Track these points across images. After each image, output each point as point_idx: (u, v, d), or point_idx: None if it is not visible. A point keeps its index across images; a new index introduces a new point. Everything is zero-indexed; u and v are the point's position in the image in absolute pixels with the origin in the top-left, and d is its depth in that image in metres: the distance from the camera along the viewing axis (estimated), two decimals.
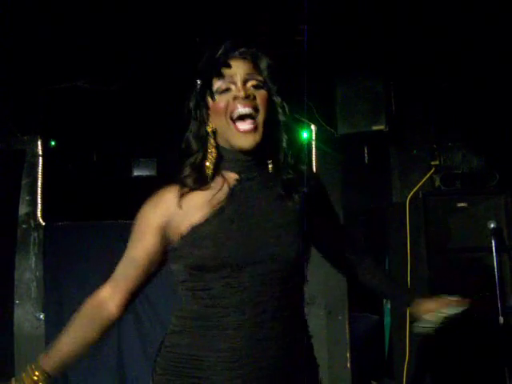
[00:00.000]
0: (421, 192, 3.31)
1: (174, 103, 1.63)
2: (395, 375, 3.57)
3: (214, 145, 1.40)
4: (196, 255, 1.30)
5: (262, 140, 1.36)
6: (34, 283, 3.85)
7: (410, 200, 3.41)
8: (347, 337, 3.74)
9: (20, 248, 3.89)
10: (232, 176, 1.39)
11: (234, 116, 1.35)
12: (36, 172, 3.93)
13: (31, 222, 3.91)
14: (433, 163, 3.49)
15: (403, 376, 3.29)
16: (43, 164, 3.94)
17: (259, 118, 1.36)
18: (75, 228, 3.90)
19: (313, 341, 1.44)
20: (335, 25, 3.25)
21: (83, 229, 3.88)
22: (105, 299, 1.42)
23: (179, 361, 1.34)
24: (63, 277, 3.80)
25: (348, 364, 3.71)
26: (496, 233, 3.01)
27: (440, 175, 3.40)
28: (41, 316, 3.80)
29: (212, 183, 1.39)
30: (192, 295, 1.35)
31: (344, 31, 3.30)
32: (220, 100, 1.38)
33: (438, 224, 3.19)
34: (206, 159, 1.40)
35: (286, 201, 1.39)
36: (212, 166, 1.40)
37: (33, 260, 3.89)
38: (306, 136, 3.91)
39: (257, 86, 1.39)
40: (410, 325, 3.19)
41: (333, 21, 3.22)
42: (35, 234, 3.91)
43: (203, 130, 1.42)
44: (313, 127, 3.90)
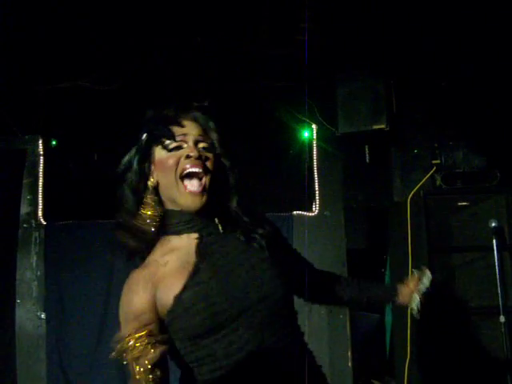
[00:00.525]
0: (422, 191, 3.31)
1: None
2: (396, 374, 3.57)
3: (157, 201, 1.40)
4: (190, 325, 1.27)
5: (209, 200, 1.37)
6: (35, 282, 3.85)
7: (411, 199, 3.41)
8: (348, 336, 3.74)
9: (21, 247, 3.90)
10: (192, 236, 1.39)
11: (183, 174, 1.36)
12: (37, 171, 3.93)
13: (32, 222, 3.92)
14: (434, 162, 3.48)
15: (404, 375, 3.29)
16: (44, 163, 3.94)
17: (207, 180, 1.37)
18: (76, 227, 3.89)
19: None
20: (336, 24, 3.26)
21: (84, 228, 3.87)
22: None
23: None
24: (64, 276, 3.79)
25: (349, 363, 3.70)
26: (497, 231, 3.01)
27: (441, 174, 3.39)
28: (42, 315, 3.80)
29: (175, 250, 1.37)
30: (198, 365, 1.32)
31: (345, 30, 3.30)
32: (170, 157, 1.38)
33: (439, 223, 3.19)
34: (147, 217, 1.39)
35: (251, 242, 1.40)
36: (156, 225, 1.39)
37: (34, 259, 3.89)
38: (307, 135, 3.92)
39: (207, 149, 1.40)
40: (411, 325, 3.19)
41: (333, 20, 3.22)
42: (36, 234, 3.91)
43: (142, 185, 1.41)
44: (314, 126, 3.91)
